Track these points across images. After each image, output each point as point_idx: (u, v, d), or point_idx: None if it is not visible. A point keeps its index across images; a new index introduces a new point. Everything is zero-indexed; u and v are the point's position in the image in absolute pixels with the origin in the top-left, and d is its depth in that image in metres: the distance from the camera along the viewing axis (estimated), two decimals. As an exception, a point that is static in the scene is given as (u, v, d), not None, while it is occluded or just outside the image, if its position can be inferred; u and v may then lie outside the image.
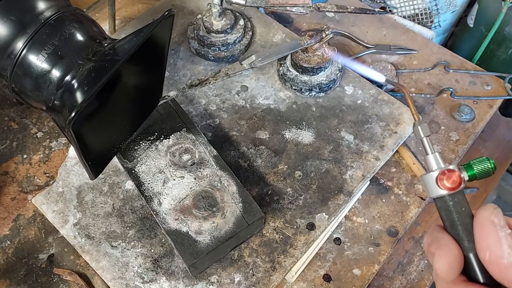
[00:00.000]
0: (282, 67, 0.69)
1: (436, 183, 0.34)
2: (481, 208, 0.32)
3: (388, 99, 0.68)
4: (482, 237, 0.31)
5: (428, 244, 0.35)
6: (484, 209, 0.32)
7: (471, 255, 0.32)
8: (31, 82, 0.49)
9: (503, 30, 0.98)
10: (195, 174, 0.58)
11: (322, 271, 0.60)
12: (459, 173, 0.33)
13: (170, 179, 0.58)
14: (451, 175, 0.34)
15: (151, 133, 0.61)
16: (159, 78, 0.61)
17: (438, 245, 0.34)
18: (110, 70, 0.45)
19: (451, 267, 0.32)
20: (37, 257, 0.60)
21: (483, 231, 0.31)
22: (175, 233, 0.54)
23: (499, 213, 0.31)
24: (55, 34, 0.49)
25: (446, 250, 0.33)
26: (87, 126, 0.50)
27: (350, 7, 0.71)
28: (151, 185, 0.57)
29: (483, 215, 0.31)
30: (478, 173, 0.34)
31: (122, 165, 0.60)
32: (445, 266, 0.32)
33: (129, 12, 0.90)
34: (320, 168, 0.62)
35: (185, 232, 0.54)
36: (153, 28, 0.48)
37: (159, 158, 0.59)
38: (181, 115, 0.62)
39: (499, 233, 0.30)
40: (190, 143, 0.60)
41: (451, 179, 0.34)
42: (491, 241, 0.30)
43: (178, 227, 0.54)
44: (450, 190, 0.34)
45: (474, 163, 0.34)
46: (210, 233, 0.54)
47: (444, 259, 0.33)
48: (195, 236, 0.54)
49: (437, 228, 0.36)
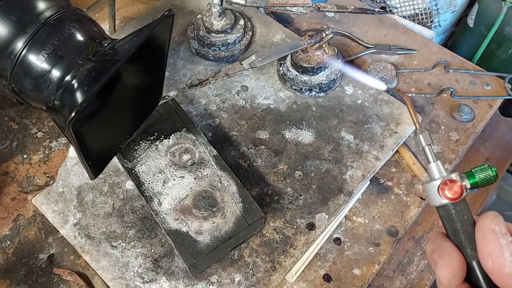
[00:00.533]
0: (282, 67, 0.69)
1: (438, 192, 0.34)
2: (482, 216, 0.32)
3: (388, 99, 0.68)
4: (484, 245, 0.31)
5: (430, 251, 0.36)
6: (485, 217, 0.32)
7: (474, 263, 0.33)
8: (31, 82, 0.49)
9: (503, 30, 0.98)
10: (195, 174, 0.58)
11: (322, 271, 0.60)
12: (461, 183, 0.34)
13: (170, 179, 0.58)
14: (452, 186, 0.34)
15: (151, 133, 0.61)
16: (159, 78, 0.61)
17: (441, 253, 0.34)
18: (110, 70, 0.45)
19: (454, 275, 0.33)
20: (37, 257, 0.60)
21: (485, 240, 0.31)
22: (175, 233, 0.54)
23: (500, 220, 0.31)
24: (55, 34, 0.49)
25: (449, 259, 0.33)
26: (87, 126, 0.50)
27: (350, 7, 0.71)
28: (151, 185, 0.57)
29: (484, 223, 0.31)
30: (480, 181, 0.34)
31: (122, 165, 0.60)
32: (448, 275, 0.33)
33: (129, 12, 0.90)
34: (320, 168, 0.62)
35: (185, 232, 0.54)
36: (153, 28, 0.48)
37: (159, 158, 0.59)
38: (181, 115, 0.62)
39: (501, 241, 0.30)
40: (190, 143, 0.60)
41: (453, 190, 0.34)
42: (493, 249, 0.30)
43: (178, 227, 0.54)
44: (452, 200, 0.34)
45: (476, 171, 0.34)
46: (210, 233, 0.54)
47: (446, 267, 0.33)
48: (195, 236, 0.54)
49: (440, 235, 0.36)
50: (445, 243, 0.35)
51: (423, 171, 0.66)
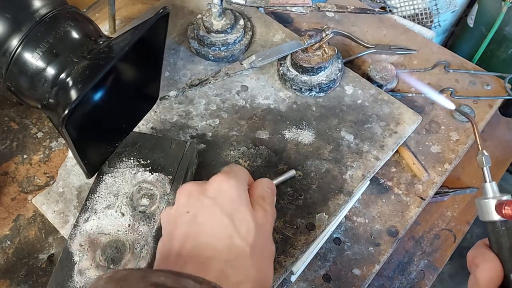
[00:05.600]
0: (282, 67, 0.69)
1: (496, 210, 0.40)
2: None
3: (388, 99, 0.68)
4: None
5: (472, 256, 0.42)
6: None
7: (511, 275, 0.39)
8: (26, 80, 0.49)
9: (503, 30, 0.98)
10: (133, 222, 0.52)
11: (322, 271, 0.60)
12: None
13: (113, 208, 0.53)
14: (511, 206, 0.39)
15: (144, 158, 0.57)
16: (156, 77, 0.61)
17: (483, 258, 0.40)
18: (104, 68, 0.45)
19: (492, 280, 0.39)
20: (37, 257, 0.60)
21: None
22: (66, 256, 0.50)
23: None
24: (50, 32, 0.48)
25: (491, 265, 0.39)
26: (83, 125, 0.50)
27: (350, 7, 0.71)
28: (98, 199, 0.54)
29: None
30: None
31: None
32: (487, 278, 0.39)
33: (129, 12, 0.90)
34: (320, 168, 0.62)
35: (73, 261, 0.50)
36: (148, 26, 0.48)
37: (127, 184, 0.54)
38: (182, 163, 0.56)
39: None
40: (160, 194, 0.54)
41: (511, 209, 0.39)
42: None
43: (73, 252, 0.50)
44: (509, 218, 0.40)
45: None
46: (86, 283, 0.49)
47: (487, 272, 0.39)
48: (76, 273, 0.49)
49: (484, 245, 0.42)
50: (489, 252, 0.41)
51: (423, 171, 0.66)
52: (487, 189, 0.42)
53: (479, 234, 1.58)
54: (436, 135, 0.70)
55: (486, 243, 0.42)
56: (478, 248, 0.42)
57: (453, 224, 0.81)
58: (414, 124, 0.66)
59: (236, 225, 0.40)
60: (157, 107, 0.68)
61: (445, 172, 0.67)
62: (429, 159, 0.68)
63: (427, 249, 0.78)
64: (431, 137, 0.70)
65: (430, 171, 0.67)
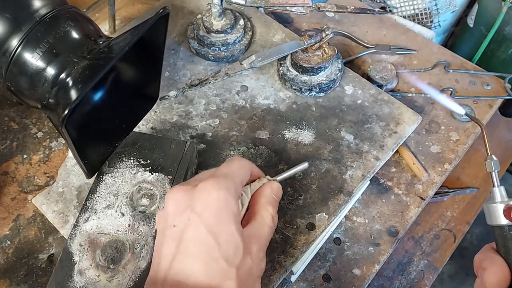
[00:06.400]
0: (282, 67, 0.69)
1: (504, 214, 0.40)
2: None
3: (388, 99, 0.68)
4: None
5: (480, 260, 0.42)
6: None
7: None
8: (26, 80, 0.49)
9: (503, 30, 0.98)
10: (133, 222, 0.52)
11: (322, 271, 0.60)
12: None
13: (113, 208, 0.53)
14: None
15: (144, 158, 0.56)
16: (156, 77, 0.61)
17: (491, 262, 0.41)
18: (104, 68, 0.45)
19: (499, 284, 0.39)
20: (37, 257, 0.60)
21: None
22: (66, 256, 0.50)
23: None
24: (50, 32, 0.48)
25: (498, 268, 0.40)
26: (83, 125, 0.50)
27: (350, 7, 0.71)
28: (97, 199, 0.53)
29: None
30: None
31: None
32: (494, 281, 0.39)
33: (129, 12, 0.90)
34: (320, 168, 0.62)
35: (73, 262, 0.50)
36: (147, 26, 0.48)
37: (127, 184, 0.54)
38: (182, 163, 0.56)
39: None
40: (160, 194, 0.54)
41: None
42: None
43: (73, 252, 0.50)
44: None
45: None
46: (86, 282, 0.49)
47: (494, 275, 0.40)
48: (76, 273, 0.49)
49: (491, 249, 0.42)
50: (496, 256, 0.41)
51: (423, 171, 0.66)
52: (495, 193, 0.42)
53: (479, 234, 1.58)
54: (436, 135, 0.70)
55: (493, 247, 0.42)
56: (485, 252, 0.42)
57: (453, 224, 0.81)
58: (414, 124, 0.66)
59: (222, 246, 0.39)
60: (157, 107, 0.68)
61: (445, 172, 0.67)
62: (429, 159, 0.68)
63: (427, 249, 0.78)
64: (431, 137, 0.70)
65: (430, 171, 0.67)
